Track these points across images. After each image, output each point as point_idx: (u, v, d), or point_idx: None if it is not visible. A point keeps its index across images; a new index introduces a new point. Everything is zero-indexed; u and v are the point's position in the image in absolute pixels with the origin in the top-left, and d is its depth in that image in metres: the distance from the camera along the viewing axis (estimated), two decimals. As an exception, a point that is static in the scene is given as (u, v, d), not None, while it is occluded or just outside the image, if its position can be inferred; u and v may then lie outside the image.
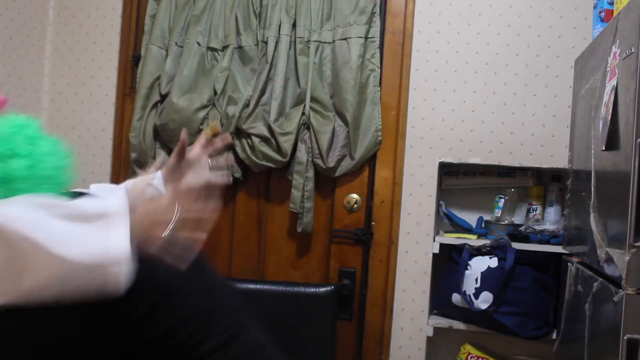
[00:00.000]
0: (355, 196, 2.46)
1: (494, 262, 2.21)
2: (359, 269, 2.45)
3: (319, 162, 2.39)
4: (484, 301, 2.19)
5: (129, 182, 1.41)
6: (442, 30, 2.40)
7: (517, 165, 2.34)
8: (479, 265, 2.23)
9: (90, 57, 2.65)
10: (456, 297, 2.28)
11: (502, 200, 2.36)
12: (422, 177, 2.40)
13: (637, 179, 1.28)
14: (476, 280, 2.21)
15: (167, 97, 2.46)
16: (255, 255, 2.54)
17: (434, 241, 2.35)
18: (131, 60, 2.61)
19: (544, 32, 2.33)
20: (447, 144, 2.39)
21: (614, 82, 1.46)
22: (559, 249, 2.17)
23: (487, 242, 2.26)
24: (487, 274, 2.20)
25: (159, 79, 2.50)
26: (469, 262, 2.25)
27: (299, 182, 2.38)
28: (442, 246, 2.34)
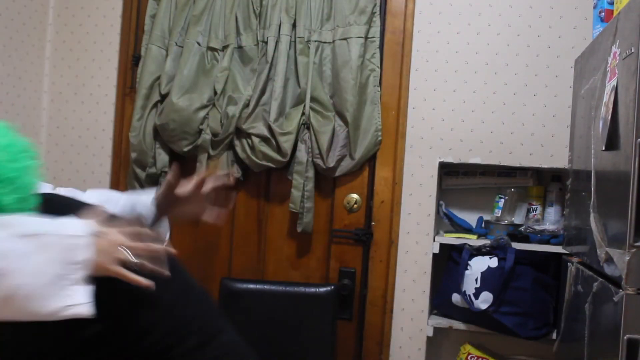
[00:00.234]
0: (355, 196, 2.46)
1: (494, 262, 2.21)
2: (359, 269, 2.45)
3: (319, 162, 2.39)
4: (484, 301, 2.18)
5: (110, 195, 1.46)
6: (442, 30, 2.40)
7: (517, 165, 2.34)
8: (479, 265, 2.23)
9: (90, 57, 2.65)
10: (456, 297, 2.28)
11: (502, 200, 2.36)
12: (422, 177, 2.40)
13: (637, 179, 1.28)
14: (476, 280, 2.21)
15: (167, 97, 2.46)
16: (255, 255, 2.54)
17: (434, 241, 2.35)
18: (131, 60, 2.61)
19: (544, 32, 2.33)
20: (447, 144, 2.39)
21: (614, 82, 1.46)
22: (559, 249, 2.17)
23: (487, 242, 2.26)
24: (487, 274, 2.20)
25: (159, 79, 2.51)
26: (469, 262, 2.25)
27: (299, 182, 2.38)
28: (442, 246, 2.33)
